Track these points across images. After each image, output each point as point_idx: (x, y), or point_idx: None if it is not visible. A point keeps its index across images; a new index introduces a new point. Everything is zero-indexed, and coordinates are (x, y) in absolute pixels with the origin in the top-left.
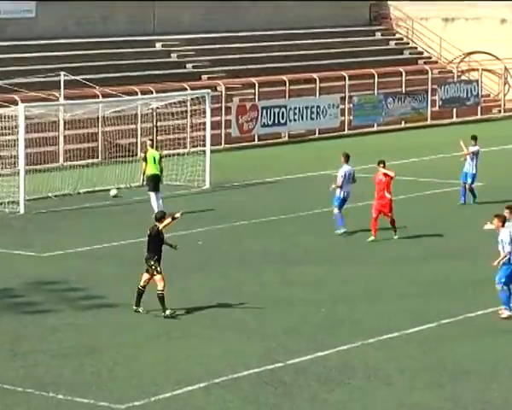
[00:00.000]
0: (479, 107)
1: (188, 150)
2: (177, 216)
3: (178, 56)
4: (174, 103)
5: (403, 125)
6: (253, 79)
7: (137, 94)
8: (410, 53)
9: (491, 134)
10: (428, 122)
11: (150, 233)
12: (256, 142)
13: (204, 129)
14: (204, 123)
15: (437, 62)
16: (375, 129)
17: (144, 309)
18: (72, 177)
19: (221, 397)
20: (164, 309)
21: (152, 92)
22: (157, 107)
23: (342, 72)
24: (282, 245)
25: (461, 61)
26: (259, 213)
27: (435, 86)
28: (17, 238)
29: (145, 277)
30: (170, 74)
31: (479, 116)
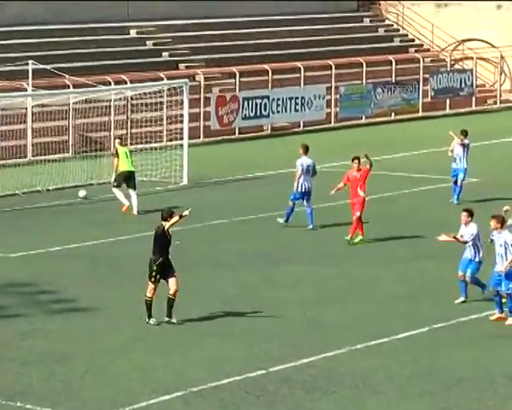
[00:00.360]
0: (473, 98)
1: (164, 144)
2: (186, 214)
3: (154, 44)
4: (149, 94)
5: (393, 117)
6: (234, 69)
7: (110, 84)
8: (401, 40)
9: (486, 126)
10: (420, 114)
11: (156, 233)
12: (237, 135)
13: (181, 121)
14: (181, 115)
15: (429, 50)
16: (364, 121)
17: (157, 320)
18: (41, 172)
19: (200, 407)
20: (168, 314)
21: (126, 82)
22: (131, 97)
23: (328, 60)
24: (264, 244)
25: (454, 49)
26: (240, 210)
27: (427, 76)
28: None
29: (150, 286)
30: (145, 63)
31: (473, 107)
